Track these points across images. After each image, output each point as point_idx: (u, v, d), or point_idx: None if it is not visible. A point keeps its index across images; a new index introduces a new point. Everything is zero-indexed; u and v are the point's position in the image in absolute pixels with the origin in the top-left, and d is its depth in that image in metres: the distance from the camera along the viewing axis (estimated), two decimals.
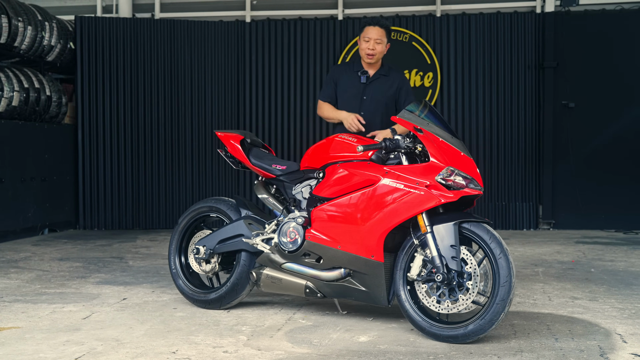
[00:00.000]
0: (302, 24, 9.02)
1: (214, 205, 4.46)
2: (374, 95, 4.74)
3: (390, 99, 4.73)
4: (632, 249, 6.89)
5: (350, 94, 4.75)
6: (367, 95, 4.74)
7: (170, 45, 8.90)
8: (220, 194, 8.92)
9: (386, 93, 4.75)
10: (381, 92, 4.73)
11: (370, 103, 4.70)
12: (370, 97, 4.73)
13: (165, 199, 8.87)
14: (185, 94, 8.91)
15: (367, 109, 4.69)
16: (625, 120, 8.51)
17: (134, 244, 7.48)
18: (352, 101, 4.75)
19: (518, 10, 8.83)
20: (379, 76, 4.80)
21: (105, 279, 5.47)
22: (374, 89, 4.76)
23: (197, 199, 8.88)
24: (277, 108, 9.02)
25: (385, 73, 4.81)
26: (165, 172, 8.86)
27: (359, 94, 4.74)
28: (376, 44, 4.69)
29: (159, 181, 8.86)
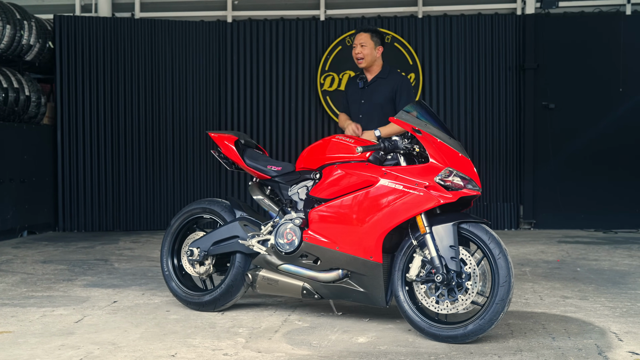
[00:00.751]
0: (284, 24, 9.00)
1: (207, 207, 4.42)
2: (371, 98, 4.88)
3: (387, 101, 4.81)
4: (613, 248, 6.99)
5: (353, 100, 4.97)
6: (365, 98, 4.89)
7: (150, 45, 8.81)
8: (202, 195, 8.86)
9: (383, 95, 4.84)
10: (378, 94, 4.87)
11: (368, 106, 4.85)
12: (367, 100, 4.89)
13: (146, 200, 8.78)
14: (166, 95, 8.84)
15: (365, 112, 4.87)
16: (604, 122, 8.63)
17: (117, 245, 7.40)
18: (354, 106, 4.96)
19: (499, 12, 8.91)
20: (376, 79, 4.93)
21: (93, 281, 5.40)
22: (371, 92, 4.90)
23: (179, 200, 8.81)
24: (259, 109, 8.98)
25: (384, 76, 4.93)
26: (146, 173, 8.78)
27: (358, 98, 4.92)
28: (361, 47, 4.88)
29: (139, 182, 8.77)
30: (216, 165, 8.94)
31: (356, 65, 8.67)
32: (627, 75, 8.55)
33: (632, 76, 8.55)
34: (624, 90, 8.56)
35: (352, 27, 8.87)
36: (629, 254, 6.62)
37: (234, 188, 8.95)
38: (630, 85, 8.55)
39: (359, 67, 4.99)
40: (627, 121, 8.56)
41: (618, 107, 8.59)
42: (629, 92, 8.56)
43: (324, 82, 8.86)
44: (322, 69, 8.86)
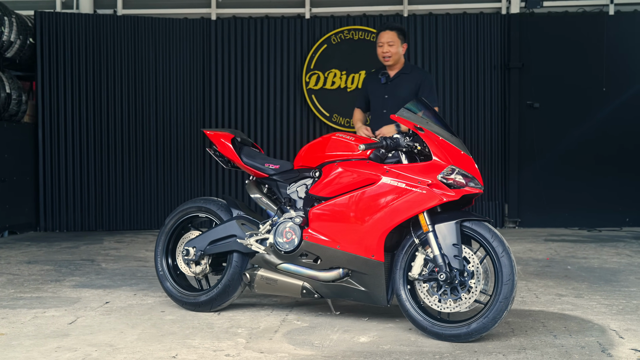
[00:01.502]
0: (268, 22, 8.94)
1: (203, 206, 4.36)
2: (395, 93, 4.95)
3: (411, 96, 4.81)
4: (600, 246, 7.03)
5: (375, 96, 5.00)
6: (388, 94, 4.90)
7: (133, 43, 8.70)
8: (186, 194, 8.77)
9: (406, 90, 4.89)
10: (402, 89, 4.92)
11: (392, 101, 4.86)
12: (391, 96, 4.91)
13: (129, 199, 8.67)
14: (149, 93, 8.73)
15: (389, 107, 4.88)
16: (588, 121, 8.69)
17: (102, 245, 7.28)
18: (377, 102, 5.01)
19: (484, 12, 8.93)
20: (399, 75, 5.00)
21: (82, 282, 5.30)
22: (394, 87, 4.95)
23: (163, 200, 8.71)
24: (244, 107, 8.91)
25: (407, 72, 5.01)
26: (129, 172, 8.66)
27: (381, 94, 4.93)
28: (389, 46, 4.92)
29: (122, 181, 8.65)
30: (200, 164, 8.86)
31: (341, 64, 8.77)
32: (610, 75, 8.62)
33: (615, 76, 8.63)
34: (607, 89, 8.63)
35: (338, 26, 8.84)
36: (616, 252, 6.66)
37: (217, 187, 8.87)
38: (613, 84, 8.63)
39: (384, 64, 5.02)
40: (610, 121, 8.63)
41: (602, 106, 8.66)
42: (612, 91, 8.63)
43: (309, 81, 8.82)
44: (307, 67, 8.81)
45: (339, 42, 8.82)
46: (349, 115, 8.81)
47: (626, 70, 8.65)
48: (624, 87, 8.63)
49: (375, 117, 5.08)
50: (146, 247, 7.14)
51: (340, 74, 8.82)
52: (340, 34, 8.81)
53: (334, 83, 8.82)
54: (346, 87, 8.82)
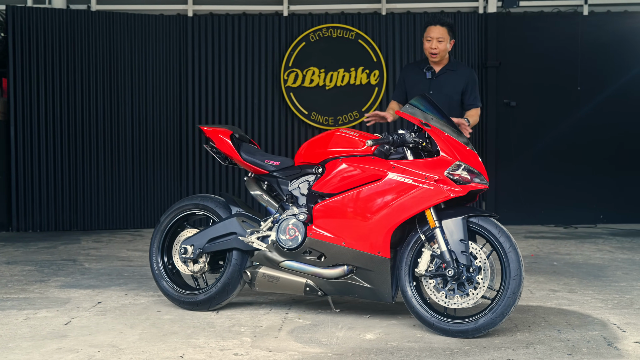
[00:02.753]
0: (246, 19, 8.86)
1: (200, 203, 4.29)
2: (441, 90, 4.81)
3: (457, 94, 4.76)
4: (580, 243, 7.13)
5: (418, 90, 4.78)
6: (434, 89, 4.80)
7: (108, 39, 8.53)
8: (162, 192, 8.64)
9: (454, 87, 4.79)
10: (448, 86, 4.81)
11: (437, 97, 4.68)
12: (437, 92, 4.79)
13: (104, 198, 8.50)
14: (125, 90, 8.57)
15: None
16: (563, 119, 8.80)
17: (80, 245, 7.13)
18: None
19: (461, 11, 8.99)
20: (445, 71, 4.88)
21: (68, 282, 5.17)
22: (440, 83, 4.81)
23: (139, 199, 8.57)
24: (221, 105, 8.82)
25: (453, 68, 4.89)
26: (104, 170, 8.50)
27: (426, 89, 4.81)
28: (438, 42, 4.78)
29: (97, 180, 8.48)
30: (177, 163, 8.74)
31: (319, 62, 8.73)
32: (585, 74, 8.75)
33: (589, 75, 8.75)
34: (582, 88, 8.75)
35: (316, 23, 8.80)
36: (597, 248, 6.76)
37: (194, 185, 8.75)
38: (588, 83, 8.75)
39: (431, 60, 4.87)
40: (585, 120, 8.75)
41: (577, 105, 8.78)
42: (587, 90, 8.76)
43: (287, 79, 8.76)
44: (285, 65, 8.75)
45: (317, 40, 8.79)
46: (328, 113, 8.81)
47: (600, 69, 8.78)
48: (599, 87, 8.76)
49: None
50: (126, 247, 7.02)
51: (318, 72, 8.78)
52: (318, 32, 8.77)
53: (313, 81, 8.78)
54: (325, 85, 8.79)
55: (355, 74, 8.78)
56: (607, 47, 8.79)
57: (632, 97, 8.74)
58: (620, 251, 6.51)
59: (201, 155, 8.78)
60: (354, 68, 8.78)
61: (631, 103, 8.75)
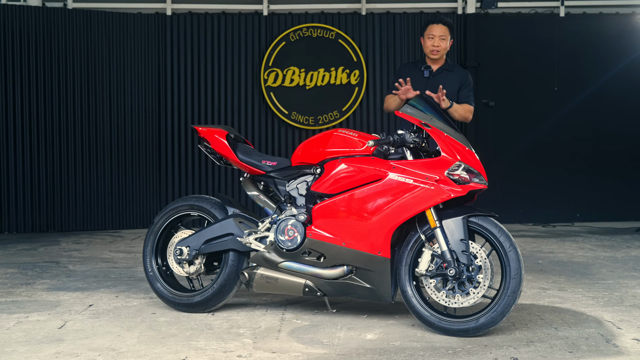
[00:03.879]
0: (225, 18, 8.81)
1: (195, 204, 4.24)
2: (437, 88, 4.71)
3: (453, 94, 4.74)
4: (561, 241, 7.23)
5: (415, 88, 4.74)
6: (430, 88, 4.74)
7: (86, 38, 8.41)
8: (141, 192, 8.56)
9: (450, 87, 4.76)
10: (444, 85, 4.73)
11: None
12: (433, 90, 4.70)
13: (82, 199, 8.38)
14: (103, 89, 8.46)
15: None
16: (541, 119, 8.92)
17: (60, 247, 7.02)
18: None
19: (440, 11, 9.05)
20: (442, 71, 4.88)
21: (54, 285, 5.09)
22: (437, 82, 4.76)
23: (117, 199, 8.47)
24: (201, 105, 8.76)
25: (449, 69, 4.90)
26: (82, 171, 8.38)
27: (422, 87, 4.76)
28: (440, 40, 4.79)
29: (75, 181, 8.35)
30: (156, 163, 8.66)
31: (299, 61, 8.72)
32: (561, 75, 8.88)
33: (566, 76, 8.88)
34: (559, 89, 8.88)
35: (296, 23, 8.79)
36: (578, 246, 6.86)
37: (174, 185, 8.68)
38: (565, 84, 8.88)
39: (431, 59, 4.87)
40: (561, 120, 8.87)
41: (553, 106, 8.90)
42: (564, 91, 8.89)
43: (267, 78, 8.74)
44: (265, 64, 8.73)
45: (297, 40, 8.78)
46: (308, 112, 8.81)
47: (576, 70, 8.92)
48: (575, 87, 8.90)
49: None
50: (108, 248, 6.93)
51: (299, 71, 8.77)
52: (299, 32, 8.76)
53: (293, 80, 8.77)
54: (305, 84, 8.78)
55: (336, 73, 8.79)
56: (583, 49, 8.93)
57: (608, 98, 8.88)
58: (602, 249, 6.61)
59: (180, 156, 8.71)
60: (334, 68, 8.79)
61: (607, 103, 8.90)
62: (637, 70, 8.81)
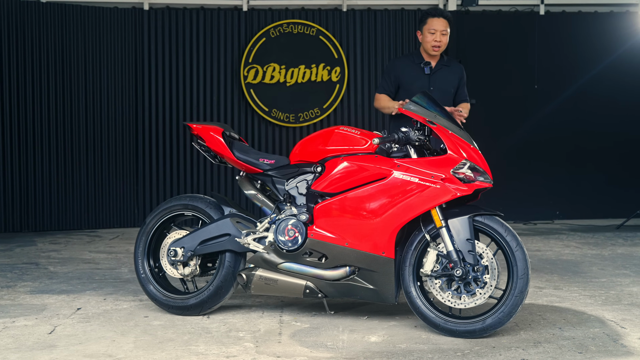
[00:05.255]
0: (204, 13, 8.65)
1: (189, 203, 4.11)
2: (440, 86, 4.71)
3: (453, 89, 4.71)
4: (545, 239, 7.24)
5: (417, 87, 4.64)
6: (434, 85, 4.69)
7: (61, 32, 8.18)
8: (118, 191, 8.36)
9: (450, 83, 4.71)
10: (446, 82, 4.71)
11: (437, 93, 4.60)
12: (436, 88, 4.68)
13: (57, 198, 8.15)
14: (78, 85, 8.24)
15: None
16: (520, 118, 8.93)
17: (37, 247, 6.80)
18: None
19: (421, 8, 8.98)
20: (441, 67, 4.77)
21: (37, 287, 4.90)
22: (439, 79, 4.70)
23: (93, 198, 8.26)
24: (179, 102, 8.58)
25: (447, 64, 4.80)
26: (57, 168, 8.14)
27: (425, 85, 4.67)
28: (442, 35, 4.64)
29: (50, 179, 8.12)
30: (133, 160, 8.47)
31: (280, 58, 8.60)
32: (541, 73, 8.90)
33: (545, 74, 8.90)
34: (538, 87, 8.90)
35: (276, 19, 8.67)
36: (563, 244, 6.87)
37: (152, 183, 8.50)
38: (544, 82, 8.90)
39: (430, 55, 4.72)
40: (542, 117, 8.89)
41: (533, 104, 8.92)
42: (543, 89, 8.90)
43: (247, 75, 8.60)
44: (245, 61, 8.58)
45: (278, 36, 8.65)
46: (289, 110, 8.69)
47: (557, 68, 8.94)
48: (555, 85, 8.92)
49: None
50: (87, 248, 6.74)
51: (279, 68, 8.65)
52: (279, 28, 8.64)
53: (273, 77, 8.65)
54: (285, 81, 8.66)
55: (317, 70, 8.69)
56: (562, 47, 8.96)
57: (588, 96, 8.92)
58: (587, 247, 6.62)
59: (158, 153, 8.53)
60: (315, 64, 8.68)
61: (587, 101, 8.93)
62: (617, 69, 8.85)
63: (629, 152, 9.02)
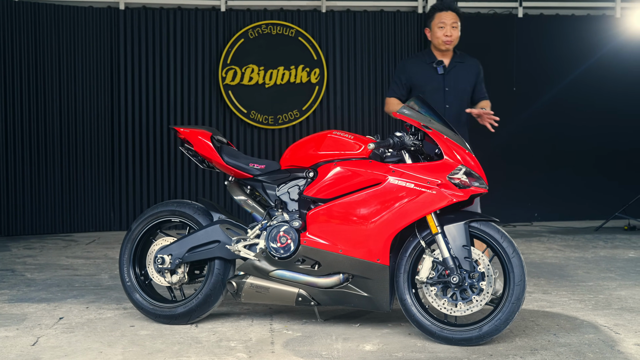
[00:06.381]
0: (181, 14, 8.52)
1: (177, 209, 4.00)
2: (456, 85, 4.47)
3: (470, 87, 4.47)
4: (526, 241, 7.24)
5: (431, 88, 4.47)
6: (449, 86, 4.47)
7: (33, 32, 7.98)
8: (93, 193, 8.19)
9: (468, 81, 4.48)
10: (462, 80, 4.47)
11: (454, 93, 4.43)
12: (452, 88, 4.46)
13: (30, 201, 7.95)
14: (52, 86, 8.05)
15: (451, 101, 4.43)
16: (500, 120, 8.91)
17: (12, 253, 6.62)
18: (434, 95, 4.44)
19: (401, 10, 8.96)
20: (455, 64, 4.54)
21: (15, 295, 4.75)
22: (454, 78, 4.48)
23: (68, 200, 8.08)
24: (156, 103, 8.43)
25: (460, 60, 4.56)
26: (30, 171, 7.94)
27: (439, 86, 4.47)
28: (452, 29, 4.45)
29: (23, 182, 7.91)
30: (109, 163, 8.30)
31: (258, 59, 8.50)
32: (519, 76, 8.92)
33: (524, 76, 8.92)
34: (517, 89, 8.92)
35: (255, 20, 8.57)
36: (545, 246, 6.88)
37: (128, 186, 8.34)
38: (523, 85, 8.92)
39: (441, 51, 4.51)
40: (520, 120, 8.90)
41: (512, 106, 8.93)
42: (522, 91, 8.93)
43: (225, 76, 8.48)
44: (223, 62, 8.47)
45: (256, 37, 8.55)
46: (268, 112, 8.59)
47: (535, 70, 8.97)
48: (533, 88, 8.95)
49: None
50: (64, 254, 6.57)
51: (258, 69, 8.55)
52: (257, 29, 8.54)
53: (252, 79, 8.54)
54: (264, 83, 8.56)
55: (296, 72, 8.60)
56: (540, 50, 8.99)
57: (566, 98, 8.96)
58: (569, 249, 6.64)
59: (135, 155, 8.38)
60: (294, 66, 8.60)
61: (565, 104, 8.97)
62: (595, 72, 8.90)
63: (606, 154, 9.08)
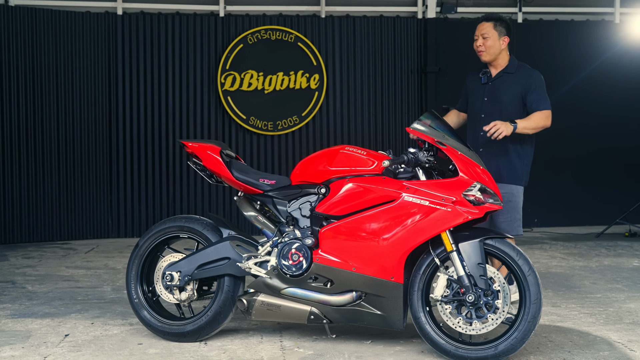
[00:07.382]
0: (180, 19, 8.44)
1: (185, 225, 3.94)
2: (495, 95, 4.36)
3: (515, 99, 4.31)
4: (529, 249, 7.21)
5: (474, 97, 4.43)
6: (488, 96, 4.37)
7: (30, 37, 7.89)
8: (91, 201, 8.11)
9: (510, 93, 4.33)
10: (503, 91, 4.34)
11: (491, 105, 4.32)
12: (490, 98, 4.36)
13: (27, 208, 7.86)
14: (50, 93, 7.97)
15: (487, 111, 4.32)
16: None
17: (10, 263, 6.54)
18: (475, 104, 4.44)
19: (400, 15, 8.92)
20: (502, 74, 4.41)
21: (18, 310, 4.67)
22: (494, 88, 4.37)
23: (65, 208, 7.99)
24: (155, 110, 8.36)
25: (511, 71, 4.40)
26: (27, 178, 7.85)
27: (480, 95, 4.40)
28: (483, 39, 4.41)
29: (20, 189, 7.83)
30: (107, 170, 8.23)
31: (257, 65, 8.45)
32: None
33: None
34: None
35: (254, 25, 8.51)
36: (548, 254, 6.85)
37: (126, 194, 8.27)
38: None
39: (482, 61, 4.46)
40: None
41: None
42: None
43: (224, 82, 8.42)
44: (222, 67, 8.40)
45: (255, 42, 8.49)
46: (267, 118, 8.54)
47: None
48: None
49: (471, 122, 4.52)
50: (64, 263, 6.50)
51: (257, 75, 8.49)
52: (257, 34, 8.48)
53: (251, 84, 8.48)
54: (263, 88, 8.51)
55: (295, 77, 8.55)
56: (540, 55, 8.95)
57: (566, 104, 8.91)
58: (573, 258, 6.61)
59: (133, 162, 8.31)
60: (294, 72, 8.55)
61: (565, 110, 8.90)
62: (595, 78, 8.90)
63: (605, 161, 9.08)
